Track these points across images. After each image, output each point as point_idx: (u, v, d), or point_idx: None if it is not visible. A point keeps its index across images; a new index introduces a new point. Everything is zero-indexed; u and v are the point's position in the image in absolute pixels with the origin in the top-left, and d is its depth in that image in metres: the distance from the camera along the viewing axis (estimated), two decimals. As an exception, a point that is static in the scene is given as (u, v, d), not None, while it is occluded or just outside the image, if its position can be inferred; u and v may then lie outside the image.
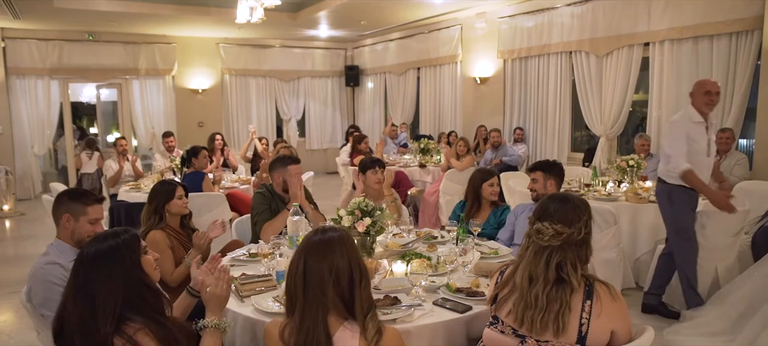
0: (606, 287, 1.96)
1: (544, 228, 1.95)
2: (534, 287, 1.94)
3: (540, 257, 1.96)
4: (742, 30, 6.27)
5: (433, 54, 11.11)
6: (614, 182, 5.61)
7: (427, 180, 7.82)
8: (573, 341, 1.90)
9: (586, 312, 1.90)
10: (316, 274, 1.83)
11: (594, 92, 7.97)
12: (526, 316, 1.93)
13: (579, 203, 2.05)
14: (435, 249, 3.20)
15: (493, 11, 9.51)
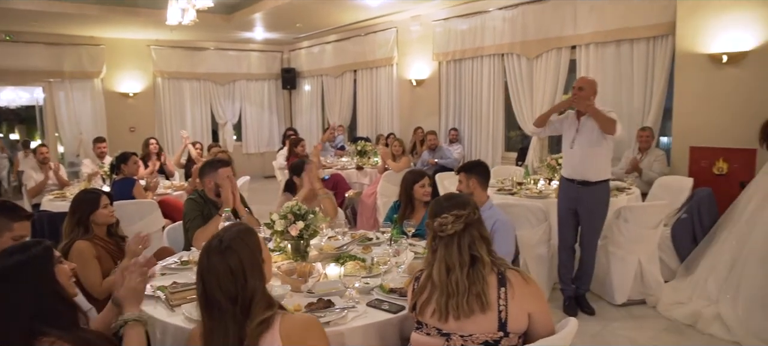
0: (516, 272, 2.09)
1: (445, 219, 2.09)
2: (453, 275, 2.03)
3: (451, 246, 2.08)
4: (658, 35, 6.64)
5: (369, 56, 11.16)
6: (545, 179, 5.80)
7: (365, 182, 7.86)
8: (495, 326, 2.00)
9: (502, 299, 2.02)
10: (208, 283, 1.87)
11: (525, 93, 8.23)
12: (451, 305, 2.01)
13: (463, 194, 2.26)
14: (370, 251, 3.23)
15: (427, 14, 9.66)
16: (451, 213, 2.09)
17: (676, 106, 6.42)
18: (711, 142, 6.10)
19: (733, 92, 5.92)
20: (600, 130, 4.27)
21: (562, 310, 4.54)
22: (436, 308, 2.05)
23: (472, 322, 2.01)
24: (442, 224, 2.09)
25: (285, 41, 13.33)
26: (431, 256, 2.14)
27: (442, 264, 2.07)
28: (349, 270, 2.77)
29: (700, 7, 6.08)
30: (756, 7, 5.69)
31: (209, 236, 3.30)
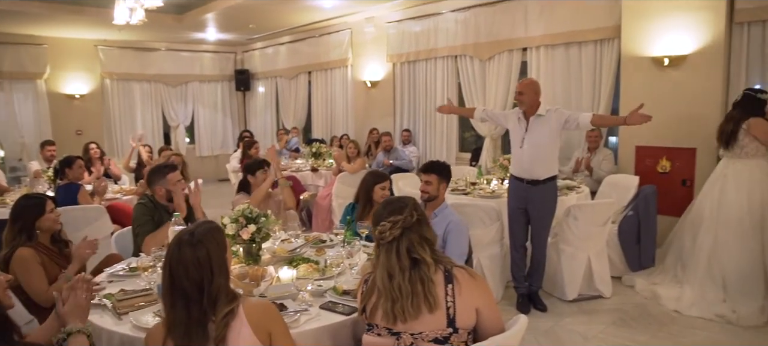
0: (462, 269, 2.15)
1: (383, 226, 2.13)
2: (395, 280, 2.06)
3: (390, 252, 2.11)
4: (605, 38, 6.85)
5: (323, 58, 11.12)
6: (498, 179, 5.90)
7: (320, 184, 7.83)
8: (444, 323, 2.03)
9: (450, 295, 2.06)
10: (176, 273, 1.90)
11: (478, 94, 8.35)
12: (397, 309, 2.04)
13: (402, 198, 2.28)
14: (323, 253, 3.21)
15: (381, 16, 9.69)
16: (388, 220, 2.13)
17: (622, 107, 6.63)
18: (655, 142, 6.33)
19: (674, 94, 6.16)
20: (549, 129, 4.38)
21: (515, 308, 4.62)
22: (383, 312, 2.07)
23: (420, 322, 2.04)
24: (381, 232, 2.13)
25: (238, 42, 13.14)
26: (376, 261, 2.18)
27: (384, 270, 2.10)
28: (302, 273, 2.76)
29: (643, 12, 6.30)
30: (694, 12, 5.94)
31: (160, 242, 3.28)
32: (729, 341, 3.97)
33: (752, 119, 4.60)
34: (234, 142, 12.74)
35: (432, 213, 3.81)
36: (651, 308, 4.63)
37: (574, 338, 4.11)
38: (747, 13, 5.80)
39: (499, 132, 8.22)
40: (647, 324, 4.32)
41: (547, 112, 4.42)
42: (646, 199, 5.21)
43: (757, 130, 4.57)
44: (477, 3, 8.17)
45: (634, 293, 4.97)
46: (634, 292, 4.99)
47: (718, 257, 4.64)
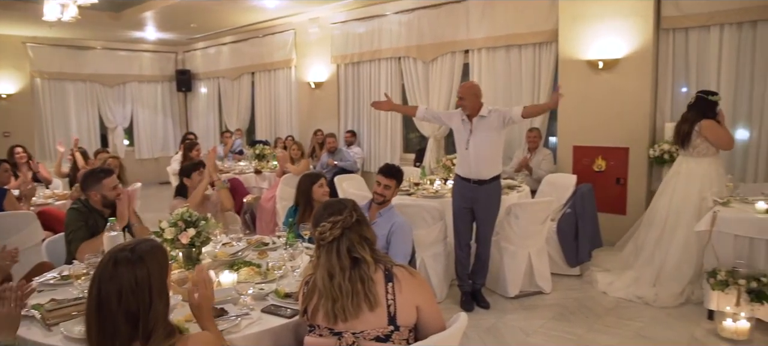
0: (402, 267, 2.18)
1: (323, 227, 2.14)
2: (335, 280, 2.07)
3: (331, 252, 2.13)
4: (544, 41, 7.07)
5: (267, 59, 10.99)
6: (441, 179, 5.98)
7: (264, 186, 7.73)
8: (385, 321, 2.06)
9: (390, 294, 2.08)
10: (106, 295, 1.71)
11: (422, 95, 8.44)
12: (337, 308, 2.05)
13: (341, 200, 2.29)
14: (266, 256, 3.18)
15: (325, 17, 9.66)
16: (328, 220, 2.14)
17: (560, 109, 6.85)
18: (591, 142, 6.58)
19: (608, 96, 6.41)
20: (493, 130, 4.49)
21: (459, 305, 4.69)
22: (324, 313, 2.08)
23: (361, 321, 2.05)
24: (321, 233, 2.14)
25: (179, 42, 12.82)
26: (316, 261, 2.18)
27: (324, 270, 2.11)
28: (244, 276, 2.72)
29: (578, 17, 6.53)
30: (625, 19, 6.21)
31: (94, 249, 3.15)
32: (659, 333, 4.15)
33: (704, 121, 4.90)
34: (176, 145, 12.43)
35: (377, 214, 3.84)
36: (588, 302, 4.80)
37: (515, 334, 4.21)
38: (672, 20, 6.14)
39: (443, 132, 8.34)
40: (585, 317, 4.48)
41: (489, 112, 4.50)
42: (582, 197, 5.40)
43: (708, 131, 4.86)
44: (420, 5, 8.26)
45: (573, 288, 5.15)
46: (572, 287, 5.17)
47: (662, 246, 4.99)
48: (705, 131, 4.87)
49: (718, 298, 4.07)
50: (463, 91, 4.54)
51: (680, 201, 4.94)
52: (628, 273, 5.18)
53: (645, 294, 4.81)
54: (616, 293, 4.96)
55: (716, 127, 4.87)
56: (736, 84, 5.90)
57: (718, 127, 4.87)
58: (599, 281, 5.18)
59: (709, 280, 4.09)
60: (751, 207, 4.27)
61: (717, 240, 4.20)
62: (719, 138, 4.88)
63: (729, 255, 4.13)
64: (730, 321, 3.94)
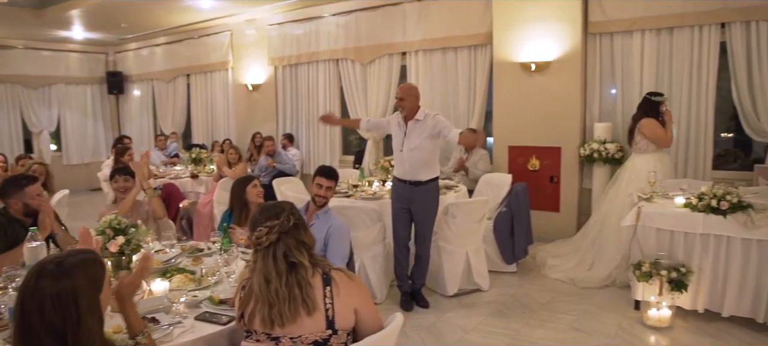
0: (340, 271, 2.17)
1: (260, 232, 2.11)
2: (272, 285, 2.05)
3: (267, 257, 2.10)
4: (479, 44, 7.24)
5: (203, 60, 10.74)
6: (380, 181, 6.01)
7: (201, 191, 7.55)
8: (323, 325, 2.05)
9: (328, 297, 2.07)
10: (28, 310, 1.59)
11: (360, 98, 8.47)
12: (274, 313, 2.02)
13: (278, 203, 2.26)
14: (200, 262, 3.11)
15: (262, 18, 9.54)
16: (264, 225, 2.11)
17: (495, 109, 7.04)
18: (525, 142, 6.78)
19: (540, 97, 6.63)
20: (427, 134, 4.52)
21: (399, 306, 4.73)
22: (261, 318, 2.05)
23: (299, 325, 2.04)
24: (258, 237, 2.11)
25: (109, 42, 12.33)
26: (253, 266, 2.15)
27: (261, 275, 2.08)
28: (177, 284, 2.65)
29: (511, 20, 6.72)
30: (555, 23, 6.45)
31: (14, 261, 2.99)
32: (590, 324, 4.32)
33: (644, 120, 5.36)
34: (108, 149, 11.95)
35: (314, 216, 3.83)
36: (524, 298, 4.93)
37: (454, 332, 4.28)
38: (599, 25, 6.43)
39: (382, 134, 8.39)
40: (521, 313, 4.60)
41: (425, 116, 4.53)
42: (517, 195, 5.55)
43: (646, 129, 5.34)
44: (358, 7, 8.29)
45: (510, 285, 5.28)
46: (509, 284, 5.30)
47: (603, 234, 5.39)
48: (644, 129, 5.32)
49: (643, 288, 4.28)
50: (403, 92, 4.58)
51: (621, 193, 5.32)
52: (572, 258, 5.65)
53: (575, 276, 5.27)
54: (554, 275, 5.44)
55: (654, 126, 5.28)
56: (656, 86, 6.22)
57: (656, 126, 5.27)
58: (546, 264, 5.66)
59: (635, 272, 4.29)
60: (671, 202, 4.51)
61: (642, 234, 4.40)
62: (656, 136, 5.31)
63: (652, 248, 4.34)
64: (654, 310, 4.15)
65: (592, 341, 4.02)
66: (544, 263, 5.76)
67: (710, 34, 5.90)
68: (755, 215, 3.93)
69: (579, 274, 5.34)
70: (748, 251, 3.98)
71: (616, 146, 6.23)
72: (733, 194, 4.03)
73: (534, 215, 5.89)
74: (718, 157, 6.34)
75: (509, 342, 4.05)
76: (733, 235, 4.02)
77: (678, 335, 4.06)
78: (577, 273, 5.35)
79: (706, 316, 4.24)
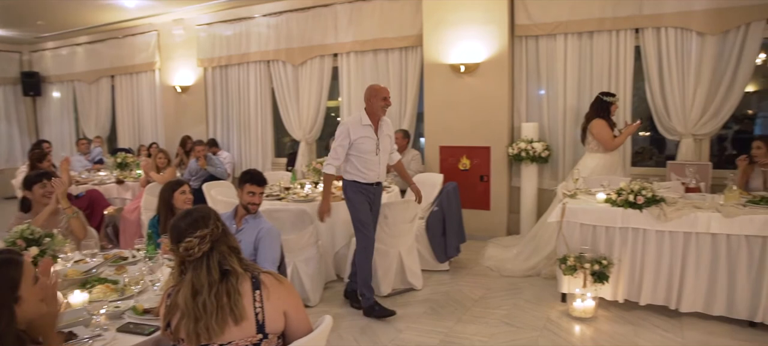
0: (269, 274, 2.12)
1: (190, 243, 2.01)
2: (200, 298, 1.97)
3: (200, 268, 2.01)
4: (409, 46, 7.34)
5: (128, 61, 10.34)
6: (312, 183, 5.97)
7: (127, 197, 7.28)
8: (254, 330, 2.00)
9: (258, 301, 2.03)
10: None
11: (292, 99, 8.40)
12: (200, 328, 1.94)
13: (200, 209, 2.16)
14: (124, 271, 3.00)
15: (190, 18, 9.29)
16: (194, 236, 2.02)
17: (426, 110, 7.14)
18: (456, 142, 6.91)
19: (470, 98, 6.78)
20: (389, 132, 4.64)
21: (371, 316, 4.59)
22: (186, 333, 1.97)
23: (227, 335, 1.98)
24: (188, 249, 2.01)
25: (24, 40, 11.66)
26: (179, 279, 2.05)
27: (188, 288, 1.99)
28: (97, 295, 2.54)
29: (441, 22, 6.84)
30: (483, 25, 6.61)
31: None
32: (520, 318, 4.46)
33: (594, 120, 5.60)
34: (24, 155, 11.28)
35: (243, 221, 3.76)
36: (457, 295, 5.02)
37: (388, 332, 4.31)
38: (524, 28, 6.65)
39: (315, 136, 8.35)
40: (454, 310, 4.69)
41: (384, 120, 4.61)
42: (448, 195, 5.64)
43: (594, 129, 5.58)
44: (289, 9, 8.22)
45: (443, 283, 5.37)
46: (442, 282, 5.39)
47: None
48: (592, 129, 5.58)
49: (569, 281, 4.45)
50: (388, 93, 4.58)
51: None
52: (514, 249, 5.95)
53: (502, 266, 5.66)
54: (487, 263, 5.83)
55: (601, 127, 5.53)
56: (578, 87, 6.51)
57: (603, 129, 5.52)
58: (487, 254, 6.05)
59: (561, 266, 4.46)
60: (593, 198, 4.72)
61: (567, 229, 4.58)
62: (601, 138, 5.58)
63: (577, 242, 4.52)
64: (579, 302, 4.33)
65: (521, 335, 4.14)
66: (486, 252, 6.11)
67: (626, 38, 6.23)
68: (667, 208, 4.17)
69: (507, 264, 5.69)
70: (662, 242, 4.23)
71: (542, 145, 6.45)
72: (647, 189, 4.26)
73: (465, 213, 6.01)
74: (636, 154, 6.71)
75: (442, 339, 4.11)
76: (648, 227, 4.25)
77: (601, 324, 4.25)
78: (506, 263, 5.71)
79: (625, 305, 4.47)
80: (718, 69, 5.85)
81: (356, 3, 7.64)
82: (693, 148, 6.04)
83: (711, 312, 4.16)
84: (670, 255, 4.22)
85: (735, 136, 6.65)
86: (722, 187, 4.54)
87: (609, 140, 5.57)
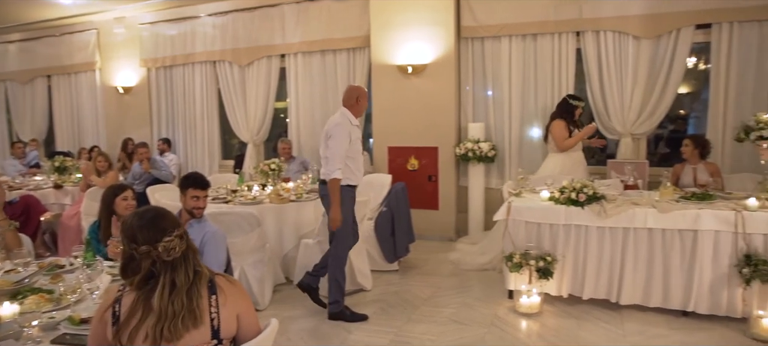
0: (222, 277, 2.09)
1: (170, 242, 1.94)
2: (177, 297, 1.91)
3: (178, 268, 1.95)
4: (357, 47, 7.35)
5: (66, 60, 9.93)
6: (259, 185, 5.90)
7: (66, 202, 7.01)
8: (209, 335, 1.96)
9: (214, 306, 1.98)
10: None
11: (239, 100, 8.28)
12: (166, 329, 1.88)
13: (160, 209, 2.10)
14: (61, 280, 2.88)
15: (132, 17, 9.01)
16: (173, 235, 1.95)
17: (374, 111, 7.16)
18: (404, 142, 6.95)
19: (418, 99, 6.84)
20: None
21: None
22: (149, 334, 1.89)
23: (184, 341, 1.92)
24: (169, 249, 1.93)
25: (-52, 37, 11.03)
26: (142, 283, 1.95)
27: (164, 289, 1.91)
28: (30, 306, 2.43)
29: (388, 24, 6.87)
30: (430, 27, 6.69)
31: None
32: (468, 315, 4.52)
33: (554, 121, 5.78)
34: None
35: (188, 224, 3.68)
36: (406, 295, 5.06)
37: (338, 333, 4.29)
38: (470, 30, 6.77)
39: (262, 138, 8.26)
40: (403, 309, 4.71)
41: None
42: (397, 195, 5.68)
43: (553, 130, 5.77)
44: (235, 8, 8.10)
45: (393, 283, 5.39)
46: (391, 282, 5.42)
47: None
48: (551, 130, 5.78)
49: (515, 278, 4.55)
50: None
51: None
52: (477, 246, 6.16)
53: (465, 260, 5.87)
54: (452, 257, 6.08)
55: (558, 127, 5.72)
56: (523, 88, 6.67)
57: (560, 128, 5.71)
58: (456, 248, 6.34)
59: (507, 263, 4.55)
60: (537, 196, 4.84)
61: (513, 227, 4.68)
62: (555, 137, 5.76)
63: (522, 240, 4.63)
64: (525, 298, 4.43)
65: (469, 332, 4.20)
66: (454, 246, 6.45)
67: (568, 41, 6.43)
68: (607, 205, 4.32)
69: (467, 257, 5.93)
70: (603, 238, 4.38)
71: (489, 145, 6.57)
72: (589, 187, 4.40)
73: (414, 213, 6.05)
74: (579, 153, 6.90)
75: (392, 339, 4.13)
76: (590, 224, 4.40)
77: (546, 319, 4.36)
78: (466, 257, 5.95)
79: (569, 300, 4.61)
80: (653, 71, 6.12)
81: (303, 3, 7.60)
82: (631, 147, 6.28)
83: (648, 304, 4.34)
84: (610, 250, 4.38)
85: (670, 135, 6.95)
86: (658, 184, 4.73)
87: (561, 141, 5.73)
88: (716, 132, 5.96)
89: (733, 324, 4.10)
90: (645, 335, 4.05)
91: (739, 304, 4.05)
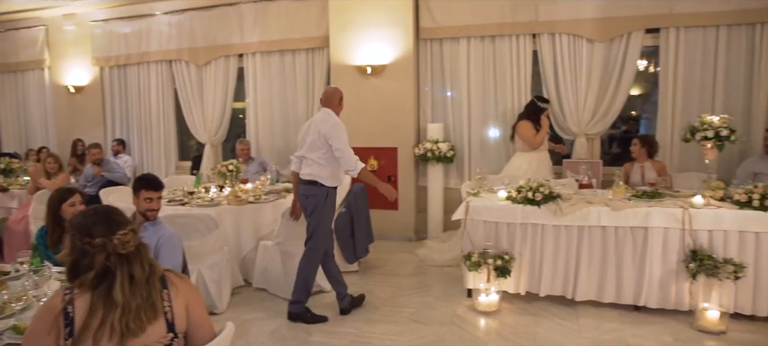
0: (171, 272, 2.09)
1: (126, 235, 1.92)
2: (136, 289, 1.90)
3: (135, 261, 1.93)
4: (316, 47, 7.33)
5: (12, 58, 9.54)
6: (217, 187, 5.81)
7: (13, 206, 6.76)
8: (164, 329, 1.95)
9: (167, 300, 1.98)
10: None
11: (196, 101, 8.13)
12: (133, 321, 1.86)
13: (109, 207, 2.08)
14: (5, 287, 2.76)
15: (84, 13, 8.74)
16: (128, 228, 1.94)
17: (339, 110, 7.13)
18: (364, 143, 6.94)
19: (377, 99, 6.85)
20: None
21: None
22: (116, 328, 1.85)
23: (145, 336, 1.90)
24: (124, 242, 1.91)
25: None
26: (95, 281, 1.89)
27: (124, 282, 1.89)
28: (-30, 315, 2.34)
29: (347, 24, 6.86)
30: (389, 28, 6.72)
31: None
32: (428, 315, 4.55)
33: (521, 122, 5.96)
34: None
35: (142, 227, 3.59)
36: (367, 295, 5.04)
37: (298, 335, 4.26)
38: (429, 31, 6.83)
39: (220, 138, 8.13)
40: (364, 310, 4.71)
41: None
42: (356, 196, 5.67)
43: (519, 130, 5.99)
44: (191, 6, 7.96)
45: (353, 284, 5.34)
46: (351, 283, 5.38)
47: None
48: (518, 129, 5.97)
49: (474, 277, 4.61)
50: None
51: None
52: (446, 244, 6.27)
53: (431, 257, 6.04)
54: (419, 253, 6.24)
55: (525, 127, 5.91)
56: (482, 88, 6.77)
57: (526, 129, 5.89)
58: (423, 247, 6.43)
59: (466, 262, 4.61)
60: (495, 196, 4.91)
61: (471, 227, 4.73)
62: (523, 137, 5.94)
63: (480, 239, 4.68)
64: (484, 296, 4.49)
65: (429, 331, 4.23)
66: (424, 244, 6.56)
67: (525, 43, 6.55)
68: (563, 203, 4.42)
69: (433, 254, 6.10)
70: (558, 236, 4.48)
71: (447, 145, 6.63)
72: (545, 186, 4.50)
73: (373, 213, 6.06)
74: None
75: (352, 340, 4.13)
76: (546, 223, 4.49)
77: (504, 317, 4.43)
78: (433, 254, 6.13)
79: (527, 297, 4.70)
80: (606, 73, 6.30)
81: (262, 3, 7.52)
82: (586, 147, 6.44)
83: (602, 300, 4.46)
84: (566, 248, 4.48)
85: (622, 135, 7.16)
86: (612, 183, 4.86)
87: (531, 138, 5.90)
88: (665, 132, 6.17)
89: (681, 317, 4.26)
90: (599, 330, 4.15)
91: (686, 297, 4.21)
